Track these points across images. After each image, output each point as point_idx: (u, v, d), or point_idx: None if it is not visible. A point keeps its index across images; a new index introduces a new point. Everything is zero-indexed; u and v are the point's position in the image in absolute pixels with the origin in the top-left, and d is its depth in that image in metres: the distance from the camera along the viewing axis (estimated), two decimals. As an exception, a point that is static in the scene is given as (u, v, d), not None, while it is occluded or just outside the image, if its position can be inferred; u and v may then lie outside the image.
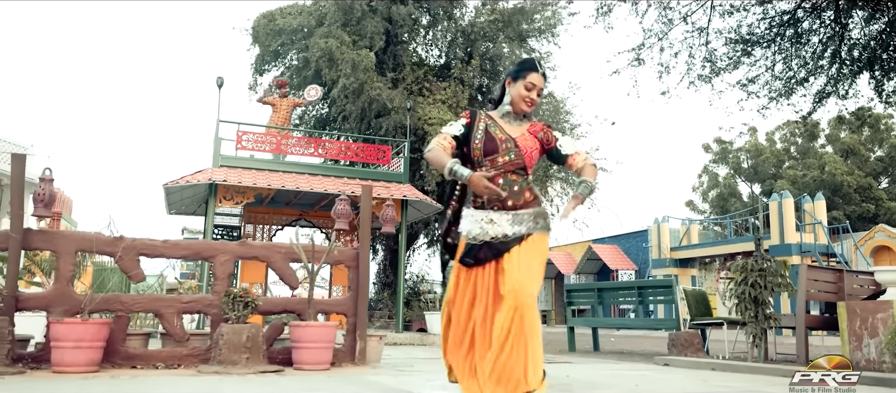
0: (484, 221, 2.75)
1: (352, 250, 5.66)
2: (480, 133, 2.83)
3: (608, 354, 9.40)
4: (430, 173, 15.38)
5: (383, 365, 5.70)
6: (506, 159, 2.78)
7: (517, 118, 2.91)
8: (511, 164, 2.78)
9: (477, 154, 2.80)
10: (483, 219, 2.76)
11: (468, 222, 2.80)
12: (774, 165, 28.59)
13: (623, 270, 27.29)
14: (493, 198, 2.72)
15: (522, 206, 2.76)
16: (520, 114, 2.91)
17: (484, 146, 2.79)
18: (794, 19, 10.19)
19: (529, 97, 2.86)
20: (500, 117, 2.92)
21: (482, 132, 2.83)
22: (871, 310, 6.68)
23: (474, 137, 2.83)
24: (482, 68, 17.66)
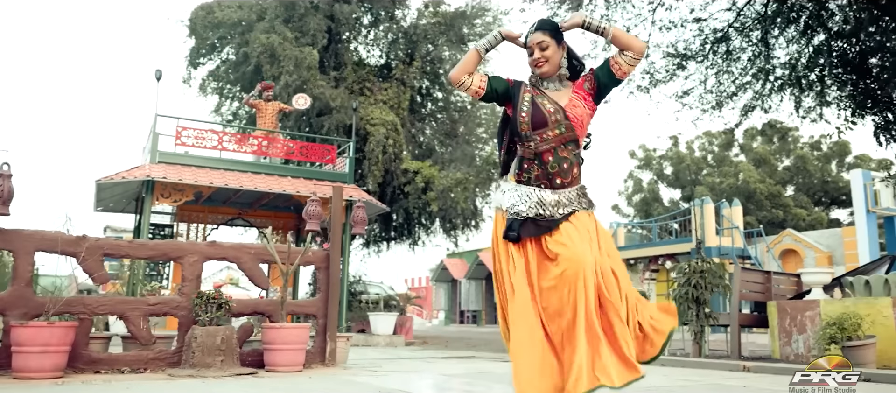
0: (529, 197, 2.60)
1: (322, 252, 5.68)
2: (527, 105, 2.67)
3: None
4: (371, 174, 15.39)
5: (352, 366, 5.74)
6: (556, 133, 2.63)
7: (556, 82, 2.74)
8: (562, 137, 2.63)
9: (525, 128, 2.63)
10: (527, 195, 2.61)
11: (511, 197, 2.65)
12: (694, 172, 30.09)
13: (552, 271, 27.97)
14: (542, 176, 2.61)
15: (569, 184, 2.64)
16: (550, 77, 2.73)
17: (531, 119, 2.63)
18: (726, 37, 10.83)
19: (533, 58, 2.72)
20: (543, 88, 2.74)
21: (528, 104, 2.67)
22: (801, 308, 7.23)
23: (520, 109, 2.67)
24: (423, 70, 17.79)
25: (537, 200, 2.60)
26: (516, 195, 2.64)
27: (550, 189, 2.62)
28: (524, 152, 2.68)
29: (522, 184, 2.67)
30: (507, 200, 2.66)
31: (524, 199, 2.61)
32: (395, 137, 15.89)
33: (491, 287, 32.42)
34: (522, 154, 2.69)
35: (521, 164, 2.69)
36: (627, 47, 2.66)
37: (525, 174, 2.66)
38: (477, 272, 33.14)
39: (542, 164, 2.63)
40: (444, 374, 5.20)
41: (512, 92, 2.73)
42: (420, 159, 17.37)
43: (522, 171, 2.67)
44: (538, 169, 2.64)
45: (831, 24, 9.70)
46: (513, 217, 2.60)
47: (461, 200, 15.31)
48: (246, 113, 18.89)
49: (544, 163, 2.62)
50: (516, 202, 2.62)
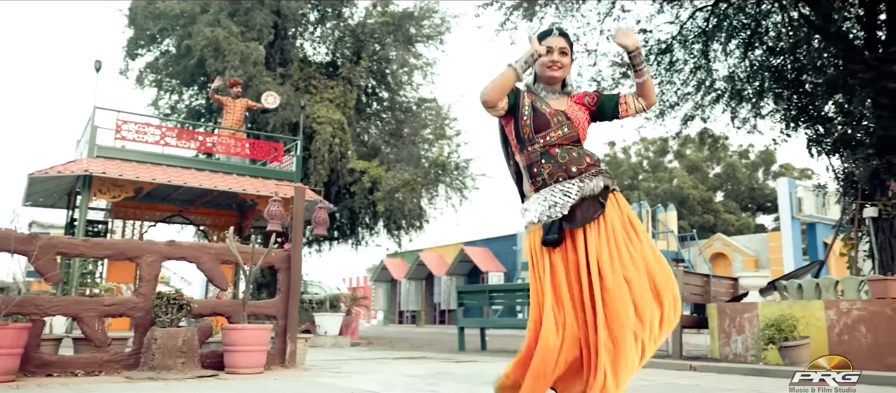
0: (552, 195, 2.57)
1: (283, 253, 5.63)
2: (527, 109, 2.66)
3: (499, 353, 9.85)
4: (316, 172, 15.24)
5: (312, 367, 5.72)
6: (559, 134, 2.63)
7: (556, 92, 2.75)
8: (565, 139, 2.63)
9: (527, 131, 2.63)
10: (549, 195, 2.58)
11: (536, 206, 2.61)
12: (631, 177, 31.07)
13: (493, 272, 28.34)
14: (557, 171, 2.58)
15: (585, 169, 2.60)
16: (554, 85, 2.75)
17: (534, 122, 2.63)
18: (669, 49, 11.26)
19: (550, 60, 2.69)
20: (540, 94, 2.75)
21: (529, 108, 2.66)
22: (739, 310, 7.60)
23: (522, 114, 2.65)
24: (370, 70, 17.73)
25: (559, 192, 2.55)
26: (539, 201, 2.60)
27: (569, 179, 2.57)
28: (530, 157, 2.65)
29: (540, 189, 2.63)
30: (534, 211, 2.61)
31: (547, 199, 2.57)
32: (342, 136, 15.80)
33: (431, 287, 32.73)
34: (528, 160, 2.66)
35: (531, 171, 2.65)
36: (645, 96, 2.71)
37: (538, 178, 2.63)
38: (417, 272, 33.19)
39: (551, 159, 2.60)
40: (406, 375, 5.25)
41: (516, 99, 2.70)
42: (366, 159, 17.31)
43: (535, 176, 2.64)
44: (549, 165, 2.60)
45: (769, 41, 10.22)
46: (546, 222, 2.55)
47: (409, 200, 15.35)
48: (185, 107, 18.40)
49: (552, 157, 2.60)
50: (543, 207, 2.58)
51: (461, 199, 17.70)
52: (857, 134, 7.69)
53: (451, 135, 18.68)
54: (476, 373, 5.63)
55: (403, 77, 19.03)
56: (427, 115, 19.44)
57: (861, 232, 8.30)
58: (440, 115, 19.49)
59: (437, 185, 16.64)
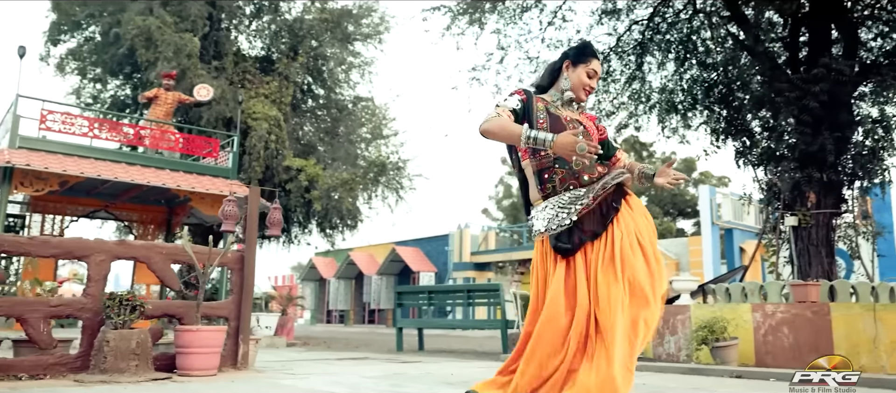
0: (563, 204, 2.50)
1: (237, 253, 5.55)
2: (542, 114, 2.58)
3: (439, 353, 9.95)
4: (251, 169, 14.94)
5: (264, 369, 5.67)
6: None
7: (570, 106, 2.70)
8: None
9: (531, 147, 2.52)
10: (558, 203, 2.52)
11: (544, 215, 2.54)
12: (560, 180, 31.87)
13: (424, 272, 28.48)
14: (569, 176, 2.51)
15: (597, 179, 2.55)
16: (576, 102, 2.70)
17: (550, 126, 2.54)
18: (607, 59, 11.67)
19: (590, 85, 2.67)
20: (553, 101, 2.68)
21: (544, 113, 2.59)
22: (673, 312, 7.99)
23: (536, 118, 2.56)
24: (307, 66, 17.51)
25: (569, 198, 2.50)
26: (548, 210, 2.54)
27: (581, 187, 2.52)
28: (542, 162, 2.57)
29: (549, 196, 2.57)
30: (542, 220, 2.55)
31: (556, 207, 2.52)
32: (278, 133, 15.56)
33: (361, 287, 32.55)
34: (540, 165, 2.58)
35: (541, 177, 2.58)
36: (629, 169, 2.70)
37: (549, 185, 2.56)
38: (347, 272, 32.96)
39: (564, 164, 2.52)
40: (364, 376, 5.28)
41: (527, 104, 2.61)
42: (301, 156, 17.09)
43: (545, 183, 2.57)
44: (562, 171, 2.53)
45: (701, 57, 10.76)
46: (555, 231, 2.49)
47: (346, 200, 15.27)
48: (110, 97, 17.63)
49: (567, 162, 2.52)
50: (553, 215, 2.51)
51: (397, 199, 17.75)
52: (781, 148, 8.23)
53: (389, 134, 18.69)
54: (428, 373, 5.72)
55: (340, 75, 18.90)
56: (364, 114, 19.38)
57: (781, 239, 8.88)
58: (377, 114, 19.47)
59: (375, 186, 16.62)
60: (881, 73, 8.36)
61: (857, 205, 8.75)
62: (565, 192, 2.53)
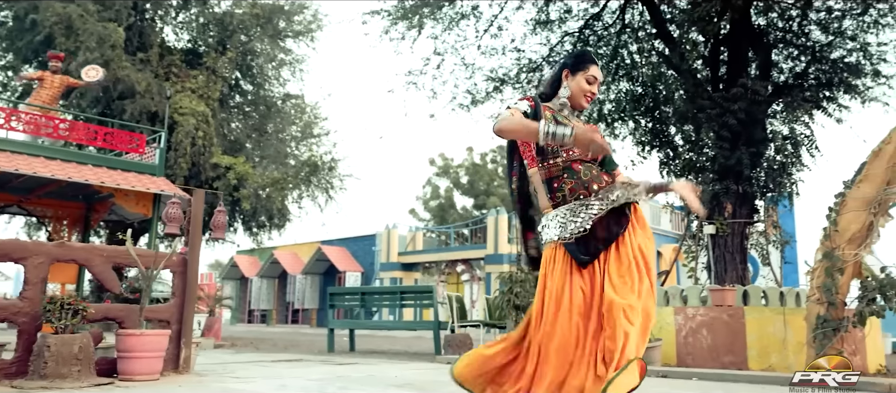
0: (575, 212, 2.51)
1: (179, 256, 5.47)
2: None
3: (371, 354, 10.02)
4: (177, 165, 14.53)
5: (206, 372, 5.61)
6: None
7: (574, 113, 2.72)
8: (588, 156, 2.56)
9: (550, 144, 2.48)
10: (570, 213, 2.52)
11: (555, 224, 2.54)
12: (487, 183, 32.36)
13: (350, 272, 28.35)
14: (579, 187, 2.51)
15: (604, 187, 2.56)
16: (577, 110, 2.72)
17: None
18: (539, 68, 12.05)
19: (591, 91, 2.67)
20: (558, 110, 2.68)
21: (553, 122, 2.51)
22: (600, 316, 8.39)
23: None
24: (236, 62, 17.15)
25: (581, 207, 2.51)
26: (559, 219, 2.54)
27: (589, 196, 2.54)
28: (551, 170, 2.57)
29: (559, 205, 2.56)
30: (554, 229, 2.55)
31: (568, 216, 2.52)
32: (206, 129, 15.21)
33: (284, 286, 32.02)
34: (548, 174, 2.58)
35: (551, 186, 2.58)
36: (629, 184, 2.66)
37: (558, 194, 2.56)
38: (271, 271, 32.41)
39: (574, 174, 2.54)
40: (307, 379, 5.33)
41: (536, 111, 2.59)
42: (229, 154, 16.74)
43: (554, 192, 2.57)
44: (571, 180, 2.54)
45: (628, 70, 11.28)
46: (568, 240, 2.50)
47: (277, 200, 15.09)
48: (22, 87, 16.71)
49: (575, 172, 2.54)
50: (564, 224, 2.52)
51: (327, 199, 17.66)
52: (701, 161, 8.78)
53: (320, 133, 18.56)
54: (371, 375, 5.82)
55: (271, 72, 18.62)
56: (294, 112, 19.16)
57: (699, 246, 9.46)
58: (307, 112, 19.29)
59: (307, 186, 16.48)
60: (791, 93, 9.05)
61: (768, 215, 9.42)
62: (575, 200, 2.53)
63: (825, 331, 5.90)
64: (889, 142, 6.18)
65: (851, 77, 9.91)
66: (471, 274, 24.89)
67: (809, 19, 9.81)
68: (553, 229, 2.54)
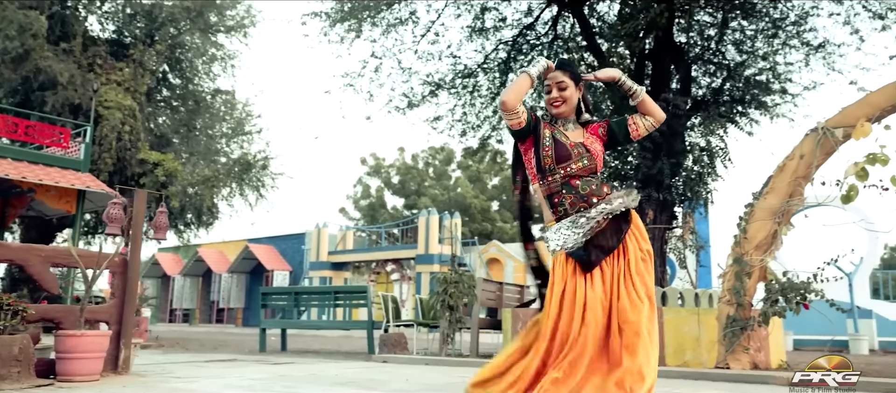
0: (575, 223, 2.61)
1: (120, 256, 5.45)
2: (549, 140, 2.68)
3: (304, 354, 10.07)
4: (102, 160, 14.11)
5: (145, 373, 5.61)
6: (580, 165, 2.66)
7: (571, 123, 2.77)
8: (585, 170, 2.66)
9: (548, 162, 2.63)
10: (572, 224, 2.61)
11: (562, 236, 2.62)
12: (418, 183, 32.62)
13: (278, 271, 28.02)
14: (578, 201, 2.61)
15: (604, 199, 2.65)
16: (565, 118, 2.76)
17: (555, 153, 2.65)
18: (474, 74, 12.40)
19: (552, 98, 2.73)
20: (558, 125, 2.77)
21: (550, 139, 2.68)
22: (530, 314, 8.78)
23: (543, 144, 2.67)
24: (165, 55, 16.75)
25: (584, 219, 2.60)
26: (563, 230, 2.63)
27: (590, 207, 2.63)
28: (551, 187, 2.67)
29: (562, 218, 2.66)
30: (558, 240, 2.64)
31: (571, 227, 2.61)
32: (133, 124, 14.83)
33: (209, 284, 31.30)
34: (549, 190, 2.68)
35: (552, 201, 2.68)
36: (650, 113, 2.78)
37: (560, 208, 2.66)
38: (194, 269, 31.61)
39: (571, 189, 2.64)
40: (251, 378, 5.42)
41: (535, 127, 2.70)
42: (156, 149, 16.34)
43: (556, 207, 2.67)
44: (571, 196, 2.64)
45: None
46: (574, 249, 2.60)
47: (208, 198, 14.84)
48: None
49: (573, 188, 2.64)
50: (568, 234, 2.61)
51: (258, 197, 17.48)
52: (626, 169, 9.30)
53: (252, 131, 18.33)
54: (312, 374, 5.96)
55: (201, 66, 18.26)
56: (225, 108, 18.85)
57: (623, 249, 9.99)
58: (238, 109, 19.02)
59: (240, 184, 16.27)
60: (708, 108, 9.71)
61: (685, 221, 10.07)
62: (576, 213, 2.63)
63: (734, 329, 6.44)
64: (792, 158, 6.80)
65: (762, 94, 10.72)
66: (401, 273, 25.08)
67: (726, 39, 10.52)
68: (558, 241, 2.63)
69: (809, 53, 10.55)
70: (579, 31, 11.21)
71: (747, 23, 10.65)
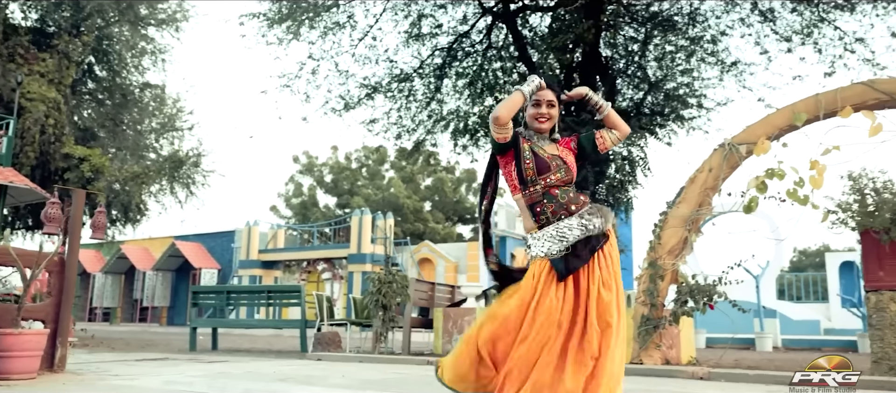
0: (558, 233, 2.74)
1: (57, 255, 5.48)
2: (528, 153, 2.82)
3: (235, 352, 10.12)
4: (24, 154, 13.65)
5: (81, 371, 5.65)
6: (559, 176, 2.80)
7: (545, 139, 2.92)
8: (563, 181, 2.82)
9: (530, 173, 2.78)
10: (555, 232, 2.75)
11: (543, 242, 2.77)
12: (351, 182, 32.61)
13: (206, 269, 27.50)
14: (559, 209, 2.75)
15: (581, 207, 2.81)
16: (543, 133, 2.91)
17: (536, 165, 2.80)
18: (410, 79, 12.68)
19: (539, 113, 2.87)
20: (535, 140, 2.90)
21: (530, 152, 2.82)
22: (461, 314, 9.16)
23: (524, 157, 2.81)
24: (92, 47, 16.26)
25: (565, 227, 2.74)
26: (546, 238, 2.76)
27: (570, 216, 2.78)
28: (532, 197, 2.81)
29: (544, 226, 2.79)
30: (542, 247, 2.77)
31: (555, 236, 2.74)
32: (57, 117, 14.40)
33: (132, 282, 30.36)
34: (530, 200, 2.82)
35: (534, 210, 2.81)
36: (615, 126, 2.96)
37: (542, 217, 2.79)
38: (117, 266, 30.60)
39: (552, 199, 2.79)
40: (190, 375, 5.55)
41: (515, 141, 2.84)
42: (81, 143, 15.88)
43: (538, 215, 2.81)
44: (552, 205, 2.78)
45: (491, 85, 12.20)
46: (555, 257, 2.72)
47: (136, 195, 14.55)
48: None
49: (554, 197, 2.79)
50: (551, 243, 2.74)
51: (188, 194, 17.22)
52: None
53: (183, 127, 18.03)
54: (250, 371, 6.13)
55: (130, 59, 17.82)
56: (154, 103, 18.45)
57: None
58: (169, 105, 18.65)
59: (170, 181, 15.99)
60: (630, 120, 10.32)
61: (608, 226, 10.66)
62: (558, 221, 2.77)
63: (647, 328, 6.99)
64: (702, 171, 7.41)
65: (680, 107, 11.46)
66: (332, 273, 25.09)
67: (648, 55, 11.20)
68: (541, 248, 2.77)
69: (723, 71, 11.36)
70: (512, 42, 11.66)
71: (668, 40, 11.37)
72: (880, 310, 6.44)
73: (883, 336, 6.36)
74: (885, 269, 6.51)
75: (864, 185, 6.73)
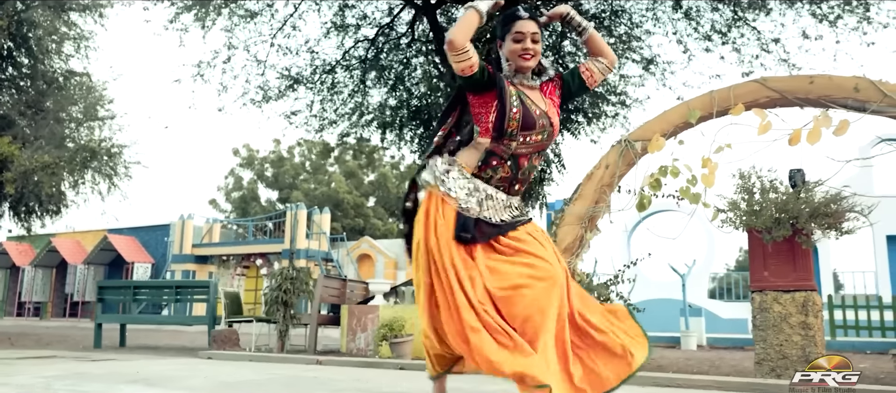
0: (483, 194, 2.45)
1: None
2: (516, 102, 2.44)
3: (141, 350, 9.78)
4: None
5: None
6: (539, 139, 2.49)
7: (529, 79, 2.54)
8: (540, 145, 2.52)
9: (513, 126, 2.40)
10: (483, 191, 2.45)
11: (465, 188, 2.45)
12: (292, 177, 32.10)
13: (140, 263, 26.73)
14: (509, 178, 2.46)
15: (519, 192, 2.56)
16: (526, 72, 2.53)
17: (523, 119, 2.42)
18: (333, 70, 12.42)
19: (523, 48, 2.47)
20: (519, 83, 2.53)
21: (518, 101, 2.44)
22: (365, 311, 8.96)
23: (511, 105, 2.41)
24: (10, 31, 15.52)
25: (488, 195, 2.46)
26: (472, 188, 2.46)
27: (506, 194, 2.50)
28: (498, 149, 2.47)
29: (480, 179, 2.48)
30: (460, 189, 2.46)
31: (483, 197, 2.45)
32: (-35, 103, 13.67)
33: (63, 276, 29.37)
34: (494, 149, 2.47)
35: (488, 160, 2.48)
36: (601, 53, 2.63)
37: (489, 171, 2.48)
38: (47, 260, 29.54)
39: (514, 167, 2.49)
40: (37, 377, 5.22)
41: (495, 81, 2.45)
42: (-3, 131, 15.16)
43: (486, 166, 2.48)
44: (507, 170, 2.48)
45: (414, 79, 12.04)
46: (465, 213, 2.41)
47: (47, 185, 13.94)
48: None
49: (518, 166, 2.49)
50: (472, 197, 2.45)
51: (110, 186, 16.59)
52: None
53: (105, 116, 17.35)
54: (113, 372, 5.82)
55: (51, 45, 17.08)
56: (76, 91, 17.75)
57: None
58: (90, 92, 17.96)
59: (84, 171, 15.38)
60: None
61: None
62: (494, 189, 2.49)
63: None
64: (599, 167, 7.34)
65: (601, 104, 11.47)
66: (268, 268, 24.65)
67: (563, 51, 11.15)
68: (459, 189, 2.45)
69: (645, 68, 11.40)
70: (433, 40, 11.51)
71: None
72: (764, 310, 6.45)
73: (765, 337, 6.37)
74: (770, 269, 6.54)
75: (753, 185, 6.75)
